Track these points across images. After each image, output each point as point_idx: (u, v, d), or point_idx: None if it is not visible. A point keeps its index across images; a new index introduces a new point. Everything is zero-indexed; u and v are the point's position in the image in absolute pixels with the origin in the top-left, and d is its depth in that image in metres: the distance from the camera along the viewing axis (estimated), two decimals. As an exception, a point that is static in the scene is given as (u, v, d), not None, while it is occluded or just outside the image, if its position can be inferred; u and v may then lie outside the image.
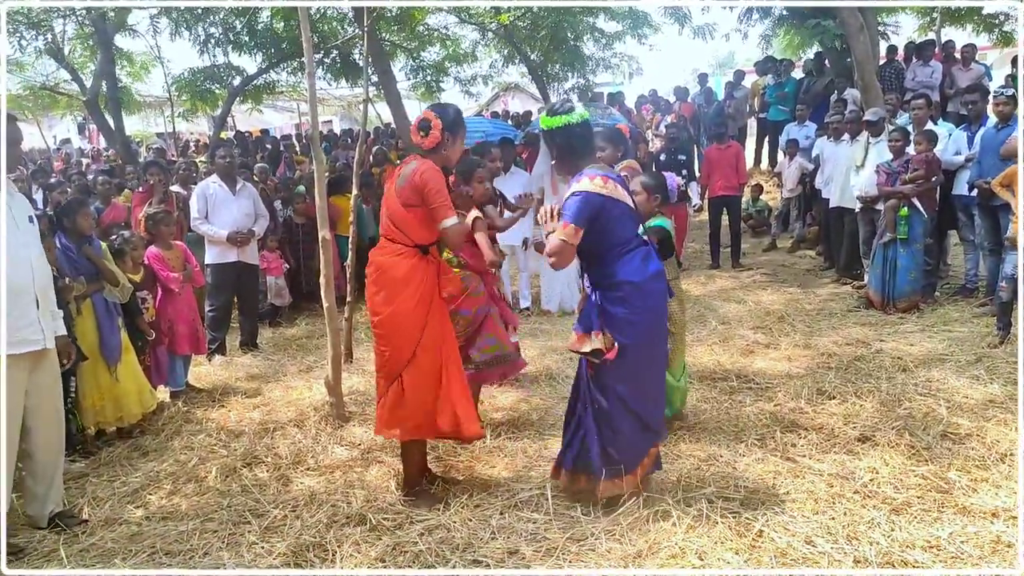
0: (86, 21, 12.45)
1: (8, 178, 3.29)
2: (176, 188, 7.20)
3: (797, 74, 12.55)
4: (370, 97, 8.25)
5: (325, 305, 4.74)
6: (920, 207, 6.35)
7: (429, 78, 14.63)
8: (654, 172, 4.74)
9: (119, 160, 12.57)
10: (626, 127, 7.70)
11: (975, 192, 6.14)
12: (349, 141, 13.91)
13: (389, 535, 3.21)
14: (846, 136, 7.64)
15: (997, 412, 4.13)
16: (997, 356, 5.04)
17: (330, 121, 22.33)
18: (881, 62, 10.91)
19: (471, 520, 3.28)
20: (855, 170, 7.13)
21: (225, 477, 3.89)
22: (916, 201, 6.33)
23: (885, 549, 2.88)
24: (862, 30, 8.92)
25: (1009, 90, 6.03)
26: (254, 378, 5.71)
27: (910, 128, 6.77)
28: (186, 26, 12.41)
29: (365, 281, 3.53)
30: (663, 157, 8.65)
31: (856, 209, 7.17)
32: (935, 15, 14.81)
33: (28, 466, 3.44)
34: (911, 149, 6.49)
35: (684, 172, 8.29)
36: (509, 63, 15.40)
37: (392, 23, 12.41)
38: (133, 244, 5.01)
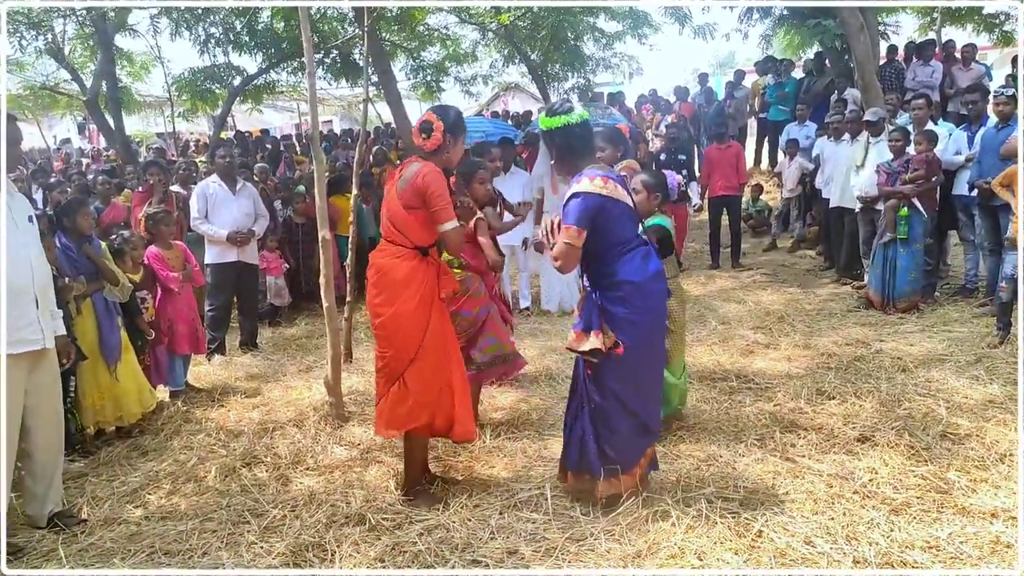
0: (86, 21, 12.45)
1: (8, 178, 3.30)
2: (176, 188, 7.20)
3: (797, 74, 12.55)
4: (370, 97, 8.24)
5: (325, 305, 4.75)
6: (920, 207, 6.35)
7: (429, 78, 14.64)
8: (654, 171, 4.74)
9: (119, 160, 12.57)
10: (626, 127, 7.69)
11: (975, 192, 6.13)
12: (349, 141, 13.93)
13: (388, 535, 3.21)
14: (846, 136, 7.64)
15: (996, 412, 4.13)
16: (997, 356, 5.04)
17: (330, 121, 22.35)
18: (881, 62, 10.90)
19: (470, 520, 3.28)
20: (855, 170, 7.13)
21: (224, 477, 3.89)
22: (916, 201, 6.33)
23: (884, 549, 2.88)
24: (862, 30, 8.91)
25: (1009, 90, 6.02)
26: (253, 378, 5.71)
27: (910, 128, 6.76)
28: (186, 26, 12.42)
29: (366, 282, 3.53)
30: (663, 157, 8.64)
31: (856, 209, 7.16)
32: (935, 15, 14.82)
33: (27, 466, 3.45)
34: (911, 149, 6.48)
35: (684, 172, 8.28)
36: (509, 63, 15.40)
37: (392, 23, 12.41)
38: (133, 244, 5.01)
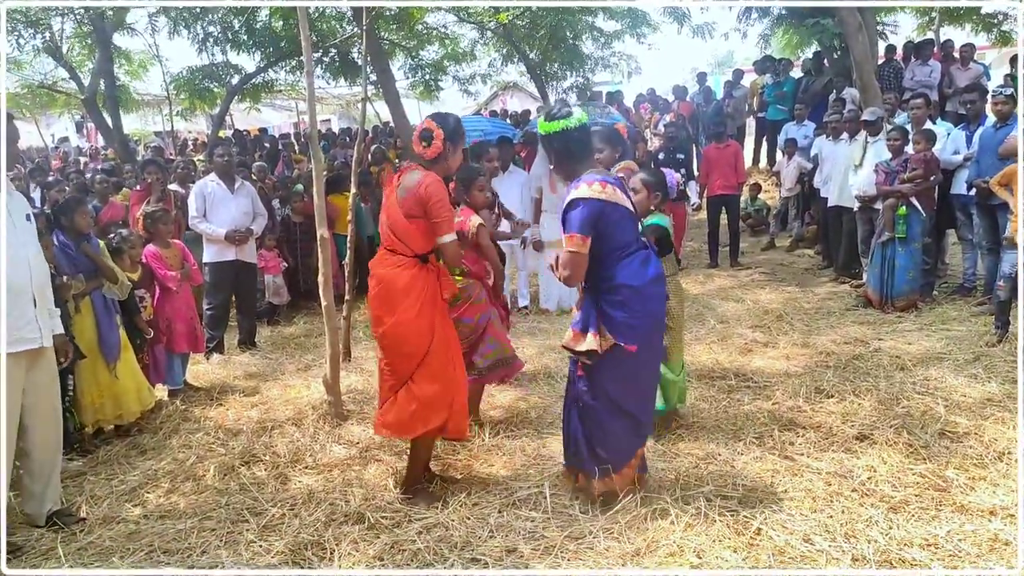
0: (84, 20, 12.45)
1: (6, 176, 3.29)
2: (174, 187, 7.19)
3: (796, 73, 12.56)
4: (369, 96, 8.25)
5: (323, 304, 4.74)
6: (918, 206, 6.35)
7: (428, 77, 14.65)
8: (653, 169, 4.73)
9: (117, 159, 12.55)
10: (624, 127, 7.70)
11: (973, 191, 6.13)
12: (347, 140, 13.92)
13: (387, 533, 3.21)
14: (844, 135, 7.64)
15: (995, 411, 4.13)
16: (995, 355, 5.05)
17: (328, 120, 22.37)
18: (880, 61, 10.90)
19: (469, 518, 3.28)
20: (853, 169, 7.13)
21: (223, 475, 3.89)
22: (914, 200, 6.33)
23: (883, 547, 2.89)
24: (861, 29, 8.91)
25: (1007, 89, 6.02)
26: (252, 376, 5.70)
27: (908, 127, 6.76)
28: (184, 25, 12.42)
29: (367, 283, 3.53)
30: (661, 156, 8.64)
31: (854, 208, 7.16)
32: (934, 14, 14.84)
33: (26, 464, 3.44)
34: (909, 148, 6.48)
35: (683, 171, 8.28)
36: (508, 62, 15.42)
37: (391, 22, 12.41)
38: (131, 243, 5.00)
